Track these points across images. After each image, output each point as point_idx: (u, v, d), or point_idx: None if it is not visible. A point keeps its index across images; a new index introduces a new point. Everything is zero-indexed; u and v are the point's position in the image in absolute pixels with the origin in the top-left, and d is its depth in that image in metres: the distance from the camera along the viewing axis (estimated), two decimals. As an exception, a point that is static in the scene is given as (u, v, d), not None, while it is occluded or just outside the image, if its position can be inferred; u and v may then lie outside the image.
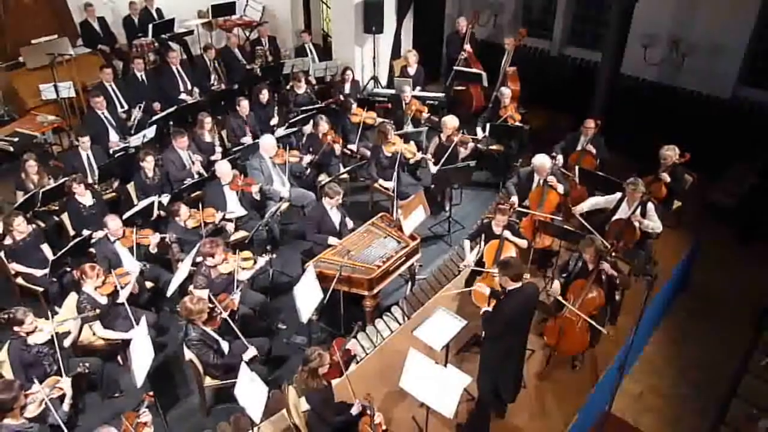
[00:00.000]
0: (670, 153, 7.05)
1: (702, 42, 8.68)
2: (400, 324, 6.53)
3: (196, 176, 7.45)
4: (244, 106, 8.45)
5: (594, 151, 7.87)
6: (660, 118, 9.09)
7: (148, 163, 7.25)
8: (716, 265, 7.32)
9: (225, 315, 5.42)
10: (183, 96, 9.46)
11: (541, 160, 7.09)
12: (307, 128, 8.62)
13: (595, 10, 10.14)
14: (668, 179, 7.06)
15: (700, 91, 8.98)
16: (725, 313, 6.72)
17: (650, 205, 6.52)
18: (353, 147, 8.84)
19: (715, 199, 7.74)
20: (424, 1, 10.77)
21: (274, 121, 8.86)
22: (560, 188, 7.15)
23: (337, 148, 8.23)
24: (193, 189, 7.21)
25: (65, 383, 4.81)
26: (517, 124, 8.70)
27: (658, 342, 6.42)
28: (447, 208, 8.06)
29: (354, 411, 4.80)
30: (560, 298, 5.66)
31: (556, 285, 5.77)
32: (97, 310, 5.53)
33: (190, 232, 6.64)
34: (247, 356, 5.21)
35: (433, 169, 7.87)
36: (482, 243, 6.57)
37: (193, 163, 7.68)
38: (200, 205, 6.79)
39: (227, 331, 5.40)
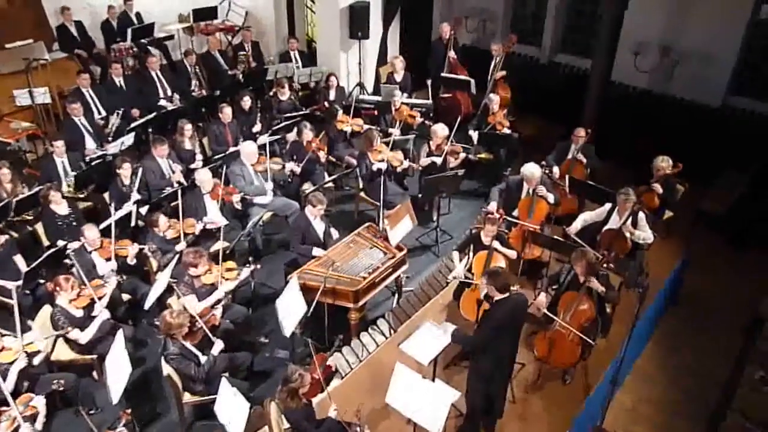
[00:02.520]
0: (664, 164, 7.11)
1: (693, 50, 8.79)
2: (386, 338, 6.51)
3: (175, 185, 7.37)
4: (226, 113, 8.44)
5: (584, 160, 7.94)
6: (651, 126, 9.20)
7: (125, 171, 7.19)
8: (707, 273, 7.38)
9: (206, 330, 5.38)
10: (163, 102, 9.43)
11: (530, 169, 7.11)
12: (291, 136, 8.61)
13: (586, 17, 10.27)
14: (660, 190, 7.12)
15: (691, 99, 9.09)
16: (717, 322, 6.78)
17: (641, 215, 6.58)
18: (338, 155, 8.87)
19: (705, 207, 7.80)
20: (411, 6, 10.84)
21: (257, 128, 8.85)
22: (550, 198, 7.19)
23: (322, 156, 8.24)
24: (172, 198, 7.13)
25: (38, 401, 4.73)
26: (507, 131, 8.77)
27: (650, 352, 6.44)
28: (435, 218, 8.08)
29: (331, 414, 4.78)
30: (546, 311, 5.68)
31: (542, 298, 5.76)
32: (69, 329, 5.45)
33: (170, 243, 6.58)
34: (215, 349, 5.19)
35: (426, 162, 7.98)
36: (471, 254, 6.59)
37: (173, 171, 7.63)
38: (180, 215, 6.76)
39: (208, 345, 5.36)
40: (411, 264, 7.16)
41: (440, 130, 8.15)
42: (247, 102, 8.92)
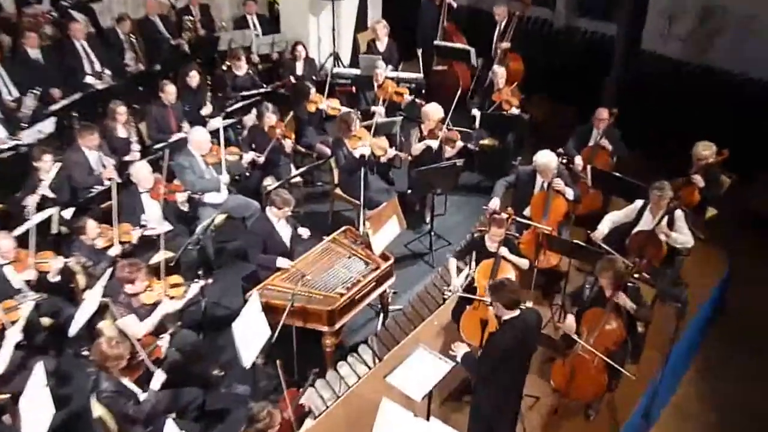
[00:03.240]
0: (706, 152, 7.17)
1: (739, 13, 8.84)
2: (369, 368, 6.50)
3: (107, 182, 7.24)
4: (169, 92, 8.38)
5: (609, 147, 8.00)
6: (690, 106, 9.14)
7: (45, 164, 7.10)
8: (760, 284, 7.43)
9: (149, 363, 5.35)
10: (90, 80, 9.35)
11: (545, 158, 7.14)
12: (250, 119, 8.64)
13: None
14: (702, 183, 7.17)
15: (738, 72, 9.12)
16: (772, 345, 6.85)
17: (679, 214, 6.63)
18: (308, 143, 8.88)
19: (756, 205, 7.91)
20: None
21: (207, 110, 8.83)
22: (569, 194, 7.23)
23: (288, 144, 8.24)
24: (103, 198, 7.05)
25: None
26: (515, 112, 8.83)
27: (691, 382, 6.49)
28: (428, 220, 8.14)
29: None
30: (575, 336, 5.73)
31: (570, 321, 5.81)
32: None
33: (100, 254, 6.53)
34: (155, 381, 5.17)
35: (419, 149, 8.04)
36: (473, 263, 6.60)
37: (104, 166, 7.57)
38: (113, 220, 6.71)
39: (148, 382, 5.32)
40: (399, 277, 7.15)
41: (433, 111, 8.19)
42: (194, 78, 8.88)
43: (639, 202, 6.85)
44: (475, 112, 8.87)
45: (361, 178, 7.54)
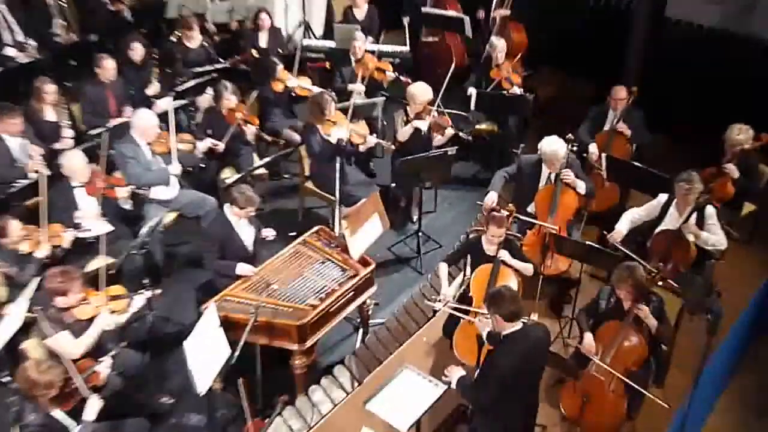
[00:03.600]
0: (741, 137, 7.22)
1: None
2: (347, 393, 6.52)
3: (33, 175, 7.21)
4: (107, 67, 8.31)
5: (628, 132, 8.05)
6: (724, 83, 9.14)
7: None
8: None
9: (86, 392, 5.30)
10: (10, 52, 9.29)
11: (552, 145, 7.19)
12: (205, 101, 8.64)
13: None
14: (737, 173, 7.22)
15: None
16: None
17: (710, 211, 6.67)
18: (274, 128, 8.87)
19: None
20: None
21: (154, 89, 8.82)
22: (580, 186, 7.29)
23: (250, 130, 8.24)
24: (28, 195, 7.02)
25: None
26: (517, 91, 8.85)
27: (726, 410, 6.47)
28: (415, 218, 8.21)
29: None
30: (596, 358, 5.75)
31: (589, 339, 5.87)
32: None
33: (26, 260, 6.46)
34: (89, 410, 5.15)
35: (406, 133, 8.09)
36: (468, 269, 6.66)
37: (29, 156, 7.50)
38: (41, 219, 6.64)
39: (82, 412, 5.28)
40: (381, 285, 7.19)
41: (421, 91, 8.17)
42: (138, 51, 8.85)
43: (663, 197, 6.90)
44: (471, 92, 8.88)
45: (336, 170, 7.50)
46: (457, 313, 6.28)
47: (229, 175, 7.92)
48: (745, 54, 9.30)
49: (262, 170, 8.19)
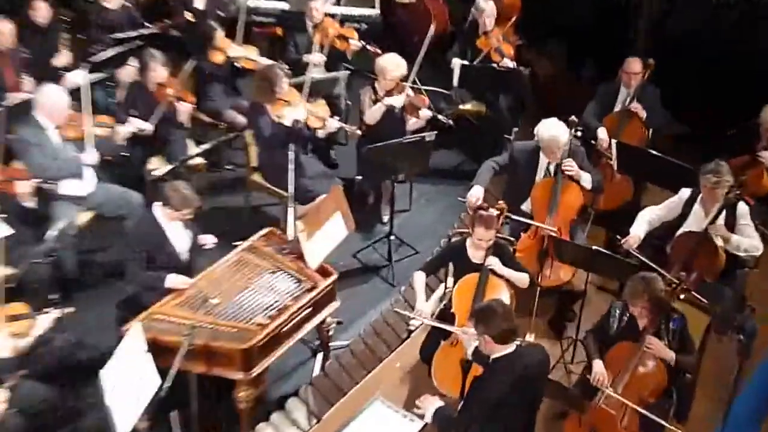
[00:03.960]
0: None
1: None
2: (303, 431, 6.49)
3: None
4: (2, 31, 8.10)
5: (643, 113, 8.09)
6: (754, 56, 9.11)
7: None
8: None
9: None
10: None
11: (552, 130, 7.18)
12: (127, 74, 8.53)
13: None
14: (774, 162, 7.31)
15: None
16: None
17: (743, 209, 6.66)
18: (215, 108, 8.82)
19: None
20: None
21: (63, 59, 8.71)
22: (585, 180, 7.30)
23: (184, 109, 8.15)
24: None
25: None
26: (509, 64, 8.88)
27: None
28: (386, 219, 8.26)
29: None
30: (609, 390, 5.71)
31: (599, 367, 5.82)
32: None
33: None
34: None
35: (374, 114, 8.03)
36: (449, 280, 6.63)
37: None
38: None
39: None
40: (345, 300, 7.15)
41: (393, 63, 8.14)
42: (42, 11, 8.63)
43: (685, 193, 6.90)
44: (455, 65, 8.87)
45: (290, 160, 7.43)
46: (437, 333, 6.28)
47: (157, 166, 7.82)
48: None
49: (199, 160, 8.14)
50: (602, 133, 8.02)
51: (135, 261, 6.47)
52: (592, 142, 7.89)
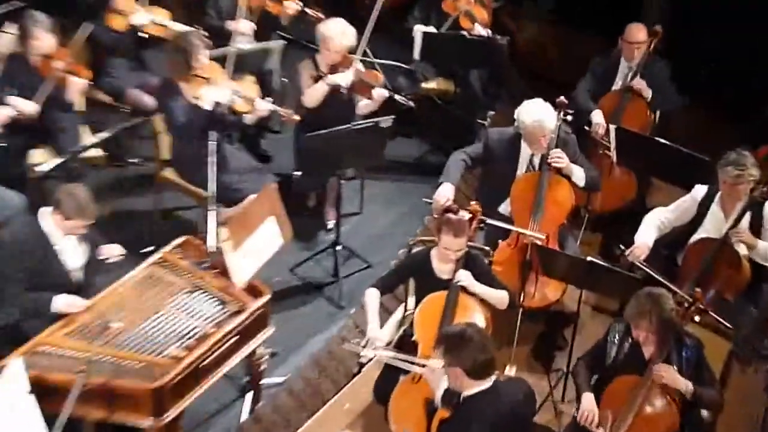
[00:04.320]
0: None
1: None
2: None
3: None
4: None
5: (647, 92, 8.05)
6: None
7: None
8: None
9: None
10: None
11: (535, 114, 7.08)
12: (3, 42, 8.28)
13: None
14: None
15: None
16: None
17: (769, 209, 6.71)
18: (116, 86, 8.72)
19: None
20: None
21: None
22: (577, 175, 7.26)
23: (76, 87, 7.96)
24: None
25: None
26: (482, 32, 8.84)
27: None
28: (332, 224, 8.20)
29: None
30: (595, 428, 5.66)
31: (588, 403, 5.74)
32: None
33: None
34: None
35: (316, 94, 7.98)
36: (410, 300, 6.60)
37: None
38: None
39: None
40: (282, 326, 7.06)
41: (339, 31, 8.05)
42: None
43: (700, 191, 6.90)
44: (416, 33, 8.81)
45: (210, 151, 7.28)
46: (396, 365, 6.21)
47: (43, 160, 7.67)
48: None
49: (97, 151, 8.09)
50: (598, 116, 8.03)
51: (14, 280, 6.31)
52: (586, 128, 7.90)
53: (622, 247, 6.78)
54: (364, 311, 6.72)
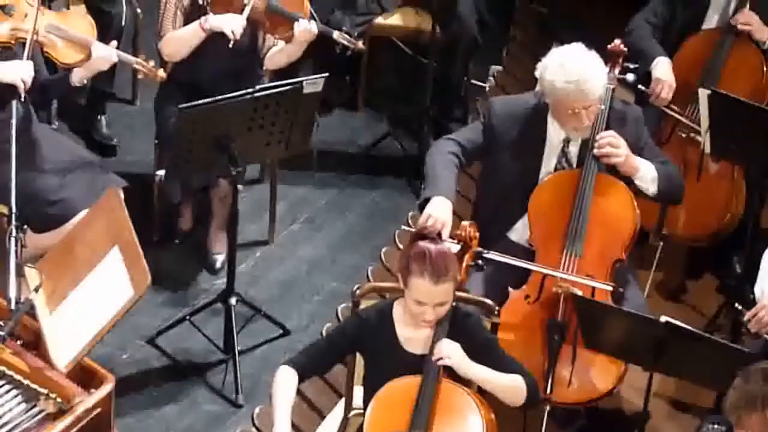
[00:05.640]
0: None
1: None
2: None
3: None
4: None
5: (764, 33, 6.50)
6: None
7: None
8: None
9: None
10: None
11: (573, 69, 5.43)
12: None
13: None
14: None
15: None
16: None
17: None
18: None
19: None
20: None
21: None
22: (644, 176, 5.71)
23: None
24: None
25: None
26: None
27: None
28: (221, 260, 6.53)
29: None
30: None
31: None
32: None
33: None
34: None
35: (188, 35, 6.78)
36: (357, 389, 5.39)
37: None
38: None
39: None
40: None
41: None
42: None
43: None
44: None
45: (11, 135, 5.47)
46: None
47: None
48: None
49: None
50: (662, 68, 6.43)
51: None
52: (641, 87, 6.46)
53: (738, 306, 5.29)
54: (272, 410, 5.01)
